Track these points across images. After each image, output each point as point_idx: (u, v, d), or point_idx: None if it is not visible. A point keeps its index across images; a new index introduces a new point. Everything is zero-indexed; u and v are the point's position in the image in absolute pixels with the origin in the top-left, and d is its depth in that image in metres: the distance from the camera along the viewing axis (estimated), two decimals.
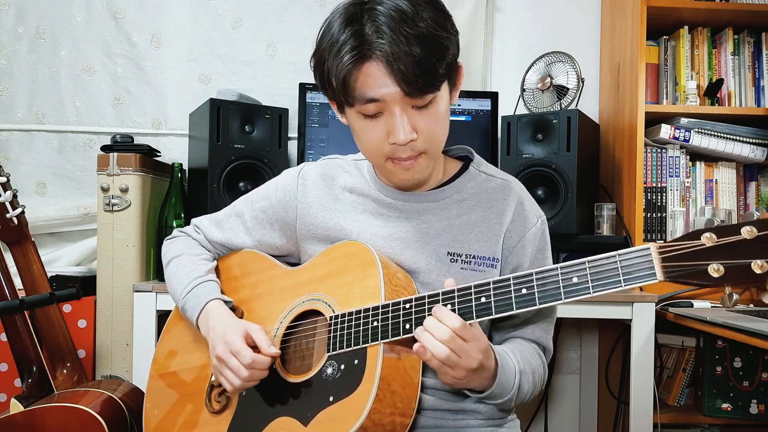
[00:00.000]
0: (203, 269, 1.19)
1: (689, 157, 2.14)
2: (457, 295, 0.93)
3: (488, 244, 1.08)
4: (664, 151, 2.12)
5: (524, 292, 0.89)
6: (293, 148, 2.20)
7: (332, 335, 1.01)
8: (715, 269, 0.77)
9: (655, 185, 2.12)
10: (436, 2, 0.97)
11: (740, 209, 2.15)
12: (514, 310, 0.89)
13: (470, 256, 1.06)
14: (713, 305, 1.89)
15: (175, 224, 1.93)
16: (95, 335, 1.90)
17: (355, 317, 0.99)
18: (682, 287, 1.99)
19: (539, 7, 2.40)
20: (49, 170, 2.25)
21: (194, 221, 1.31)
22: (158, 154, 2.11)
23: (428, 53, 0.92)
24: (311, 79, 1.04)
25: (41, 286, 1.57)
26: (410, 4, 0.92)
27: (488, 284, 0.91)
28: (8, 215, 1.51)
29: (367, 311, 0.98)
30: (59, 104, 2.25)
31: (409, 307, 0.95)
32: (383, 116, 0.98)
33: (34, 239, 1.58)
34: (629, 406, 1.80)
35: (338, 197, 1.14)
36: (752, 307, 1.93)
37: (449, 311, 0.91)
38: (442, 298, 0.93)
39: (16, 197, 1.54)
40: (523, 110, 2.25)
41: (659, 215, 2.12)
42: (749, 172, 2.18)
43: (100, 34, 2.26)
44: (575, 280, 0.86)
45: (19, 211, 1.53)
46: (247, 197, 1.24)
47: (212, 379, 1.13)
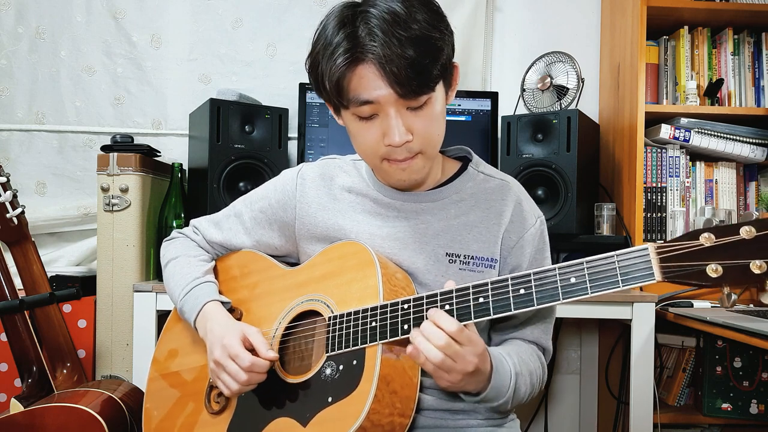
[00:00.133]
0: (201, 270, 1.19)
1: (689, 157, 2.14)
2: (455, 295, 0.92)
3: (487, 244, 1.07)
4: (664, 151, 2.12)
5: (522, 292, 0.89)
6: (293, 148, 2.20)
7: (331, 336, 1.01)
8: (713, 270, 0.77)
9: (655, 185, 2.12)
10: (430, 3, 0.96)
11: (740, 209, 2.15)
12: (512, 310, 0.89)
13: (469, 256, 1.06)
14: (713, 305, 1.88)
15: (175, 224, 1.93)
16: (95, 335, 1.91)
17: (353, 317, 0.99)
18: (682, 287, 1.99)
19: (539, 7, 2.40)
20: (49, 170, 2.25)
21: (193, 222, 1.31)
22: (158, 154, 2.11)
23: (421, 55, 0.92)
24: None
25: (41, 286, 1.57)
26: (403, 6, 0.92)
27: (486, 285, 0.91)
28: (8, 215, 1.51)
29: (365, 311, 0.98)
30: (59, 104, 2.25)
31: (407, 307, 0.95)
32: (378, 118, 0.98)
33: (34, 239, 1.58)
34: (629, 406, 1.79)
35: (337, 197, 1.14)
36: (752, 307, 1.93)
37: (446, 314, 0.90)
38: (440, 298, 0.93)
39: (16, 197, 1.54)
40: (523, 110, 2.24)
41: (659, 215, 2.12)
42: (749, 172, 2.18)
43: (100, 34, 2.26)
44: (573, 280, 0.86)
45: (19, 211, 1.53)
46: (245, 198, 1.24)
47: (211, 380, 1.13)
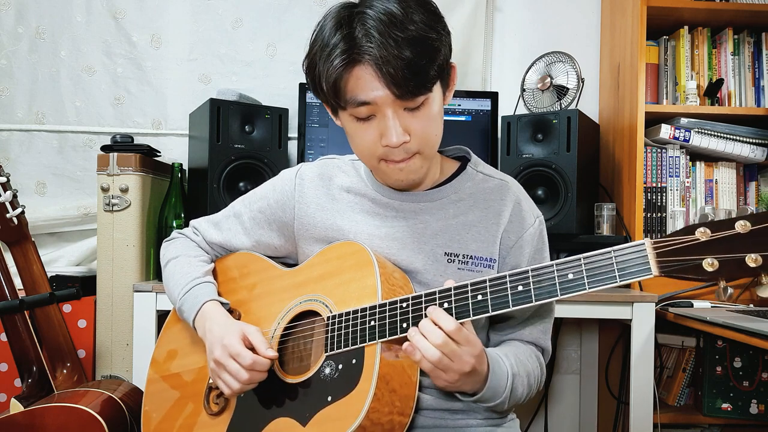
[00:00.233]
0: (200, 271, 1.19)
1: (689, 157, 2.14)
2: (453, 293, 0.92)
3: (485, 244, 1.07)
4: (664, 151, 2.12)
5: (520, 289, 0.89)
6: (293, 148, 2.20)
7: (330, 335, 1.01)
8: (709, 263, 0.78)
9: (655, 185, 2.12)
10: (427, 4, 0.96)
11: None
12: (510, 307, 0.89)
13: (467, 256, 1.06)
14: (713, 305, 1.88)
15: (175, 224, 1.93)
16: (95, 335, 1.91)
17: (352, 317, 0.99)
18: (682, 287, 1.99)
19: (539, 7, 2.40)
20: (49, 170, 2.25)
21: (192, 223, 1.31)
22: (158, 154, 2.11)
23: (418, 56, 0.91)
24: None
25: (41, 286, 1.57)
26: (400, 7, 0.92)
27: (485, 282, 0.91)
28: (8, 215, 1.51)
29: (364, 311, 0.98)
30: (59, 104, 2.25)
31: (405, 306, 0.95)
32: (375, 119, 0.98)
33: (34, 239, 1.58)
34: (629, 406, 1.79)
35: (335, 197, 1.14)
36: (752, 307, 1.92)
37: (444, 313, 0.91)
38: (438, 296, 0.93)
39: (16, 197, 1.54)
40: (523, 110, 2.24)
41: (659, 215, 2.12)
42: (749, 172, 2.17)
43: (100, 34, 2.26)
44: (571, 276, 0.86)
45: (19, 211, 1.53)
46: (244, 198, 1.24)
47: (210, 381, 1.13)
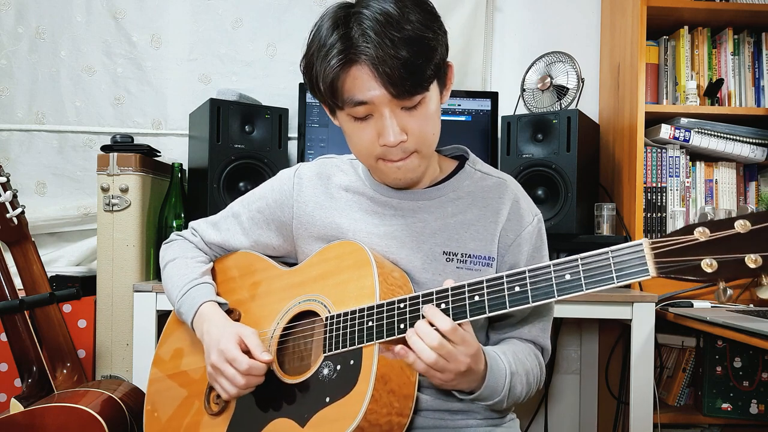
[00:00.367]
0: (198, 272, 1.19)
1: (689, 157, 2.13)
2: (450, 294, 0.92)
3: (484, 243, 1.07)
4: (664, 151, 2.12)
5: (517, 289, 0.88)
6: (293, 148, 2.20)
7: (328, 336, 1.01)
8: (708, 264, 0.76)
9: (655, 185, 2.12)
10: (423, 3, 0.97)
11: None
12: (507, 308, 0.89)
13: (466, 254, 1.06)
14: (713, 305, 1.88)
15: (174, 224, 1.93)
16: (95, 335, 1.91)
17: (350, 317, 0.99)
18: (682, 287, 1.99)
19: (539, 7, 2.40)
20: (49, 170, 2.25)
21: (191, 224, 1.31)
22: (158, 154, 2.11)
23: (415, 55, 0.92)
24: None
25: (41, 286, 1.57)
26: (397, 6, 0.93)
27: (482, 282, 0.91)
28: (8, 215, 1.51)
29: (362, 311, 0.98)
30: (59, 104, 2.25)
31: (403, 306, 0.95)
32: (373, 118, 0.98)
33: (34, 239, 1.58)
34: (629, 406, 1.79)
35: (334, 196, 1.14)
36: (752, 307, 1.92)
37: (440, 313, 0.90)
38: (436, 297, 0.93)
39: (16, 197, 1.54)
40: (523, 110, 2.24)
41: (659, 215, 2.11)
42: (749, 172, 2.17)
43: (100, 34, 2.26)
44: (568, 277, 0.85)
45: (19, 211, 1.53)
46: (243, 198, 1.24)
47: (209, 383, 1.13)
